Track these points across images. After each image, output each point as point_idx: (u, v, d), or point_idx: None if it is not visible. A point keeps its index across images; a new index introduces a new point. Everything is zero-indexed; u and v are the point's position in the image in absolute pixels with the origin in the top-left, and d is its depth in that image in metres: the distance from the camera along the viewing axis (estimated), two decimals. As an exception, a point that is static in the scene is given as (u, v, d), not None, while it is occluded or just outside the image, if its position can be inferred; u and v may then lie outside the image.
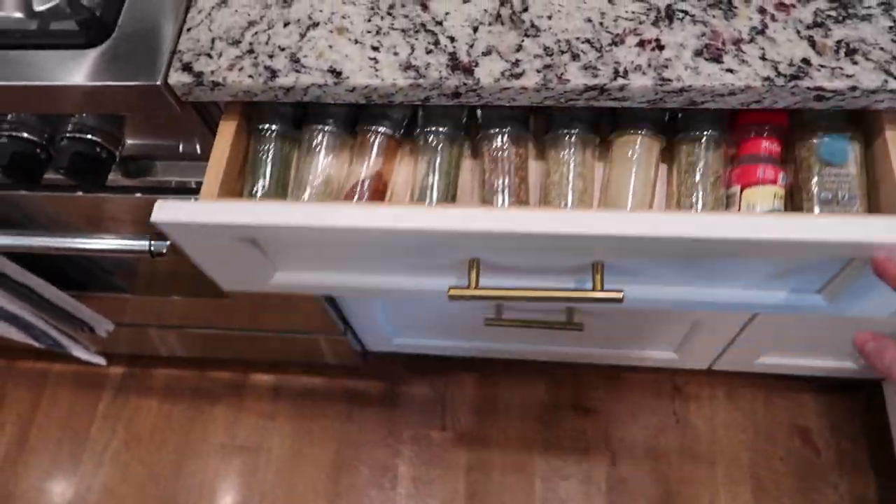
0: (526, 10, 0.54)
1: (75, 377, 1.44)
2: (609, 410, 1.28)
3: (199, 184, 0.68)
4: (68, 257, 0.92)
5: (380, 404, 1.34)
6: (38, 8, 0.59)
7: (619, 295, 0.51)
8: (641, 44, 0.51)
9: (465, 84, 0.51)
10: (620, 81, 0.50)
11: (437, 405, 1.33)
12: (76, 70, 0.55)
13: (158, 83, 0.54)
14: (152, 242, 0.70)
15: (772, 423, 1.23)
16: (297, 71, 0.53)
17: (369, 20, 0.55)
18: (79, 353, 1.04)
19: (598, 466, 1.24)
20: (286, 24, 0.55)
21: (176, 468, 1.34)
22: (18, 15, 0.59)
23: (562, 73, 0.51)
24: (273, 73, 0.53)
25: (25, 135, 0.62)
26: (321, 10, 0.56)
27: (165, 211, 0.51)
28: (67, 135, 0.62)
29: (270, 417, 1.36)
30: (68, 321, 1.02)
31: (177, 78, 0.54)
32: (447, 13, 0.54)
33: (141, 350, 1.30)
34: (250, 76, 0.53)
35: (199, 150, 0.65)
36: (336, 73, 0.53)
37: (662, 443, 1.25)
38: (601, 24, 0.52)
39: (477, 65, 0.52)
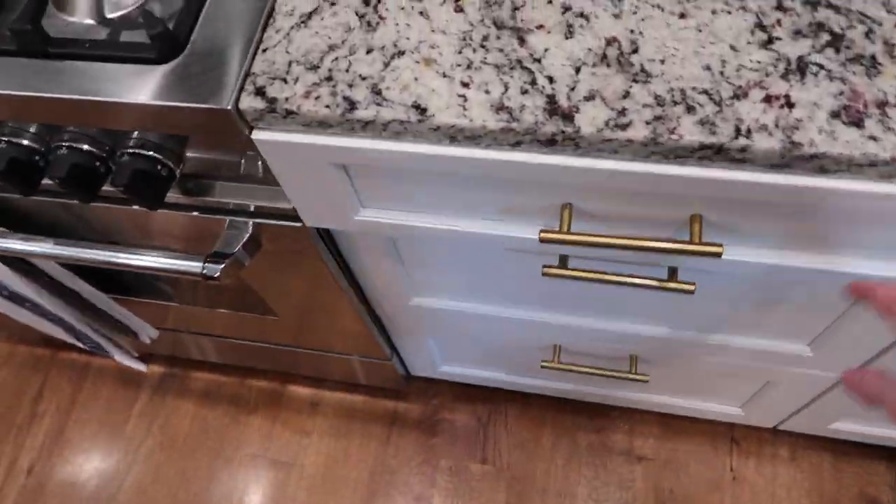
0: (636, 51, 0.48)
1: (116, 373, 1.43)
2: (661, 459, 1.21)
3: (259, 208, 0.65)
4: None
5: (419, 429, 1.29)
6: (110, 15, 0.56)
7: (720, 249, 0.49)
8: (768, 99, 0.45)
9: (563, 132, 0.46)
10: (742, 141, 0.44)
11: (479, 436, 1.27)
12: (143, 87, 0.51)
13: (228, 107, 0.50)
14: (206, 265, 0.66)
15: (839, 490, 1.15)
16: (379, 104, 0.49)
17: (460, 52, 0.50)
18: (120, 358, 1.02)
19: (645, 517, 1.18)
20: (369, 51, 0.51)
21: (207, 475, 1.31)
22: (90, 21, 0.56)
23: (674, 127, 0.45)
24: (352, 105, 0.49)
25: (86, 147, 0.59)
26: (408, 38, 0.51)
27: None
28: (128, 150, 0.58)
29: (306, 433, 1.32)
30: (112, 325, 0.99)
31: (248, 103, 0.50)
32: (546, 50, 0.49)
33: (180, 353, 1.28)
34: (327, 106, 0.49)
35: (261, 173, 0.61)
36: (420, 110, 0.48)
37: (716, 499, 1.17)
38: (721, 73, 0.46)
39: (578, 110, 0.46)
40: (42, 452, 1.37)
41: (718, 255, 0.49)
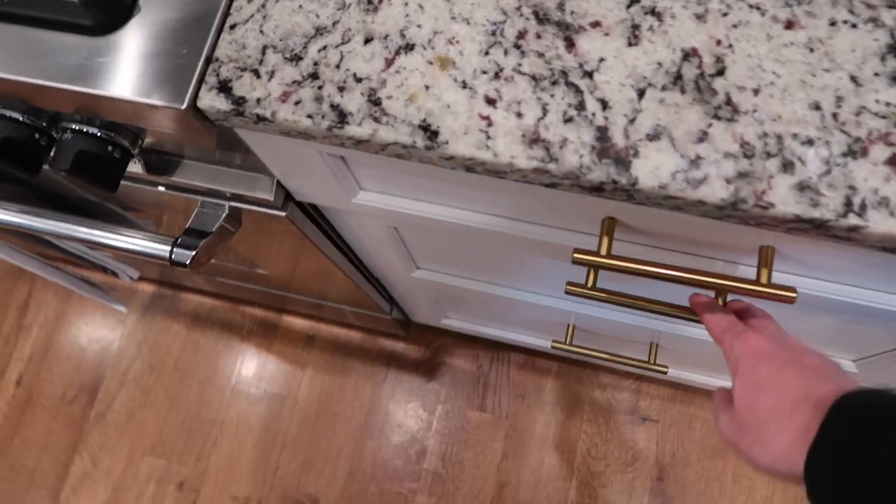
0: (721, 72, 0.36)
1: (103, 287, 1.36)
2: (666, 422, 1.16)
3: (235, 195, 0.54)
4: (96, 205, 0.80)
5: (418, 372, 1.24)
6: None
7: (793, 295, 0.40)
8: (894, 161, 0.34)
9: (614, 182, 0.35)
10: (852, 220, 0.33)
11: (480, 383, 1.22)
12: (71, 66, 0.40)
13: (183, 107, 0.38)
14: (175, 249, 0.57)
15: None
16: (376, 119, 0.37)
17: (487, 52, 0.38)
18: (99, 299, 0.95)
19: (643, 479, 1.15)
20: (368, 41, 0.39)
21: (199, 401, 1.28)
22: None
23: (763, 191, 0.34)
24: (342, 117, 0.37)
25: (21, 117, 0.48)
26: (420, 26, 0.39)
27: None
28: (72, 127, 0.47)
29: (301, 366, 1.27)
30: (90, 265, 0.91)
31: (209, 101, 0.39)
32: (602, 60, 0.37)
33: (169, 279, 1.20)
34: (309, 116, 0.38)
35: (239, 161, 0.50)
36: (430, 133, 0.37)
37: (719, 465, 1.13)
38: (835, 115, 0.35)
39: (637, 154, 0.35)
40: (30, 364, 1.33)
41: (792, 300, 0.39)
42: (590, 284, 0.43)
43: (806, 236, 0.35)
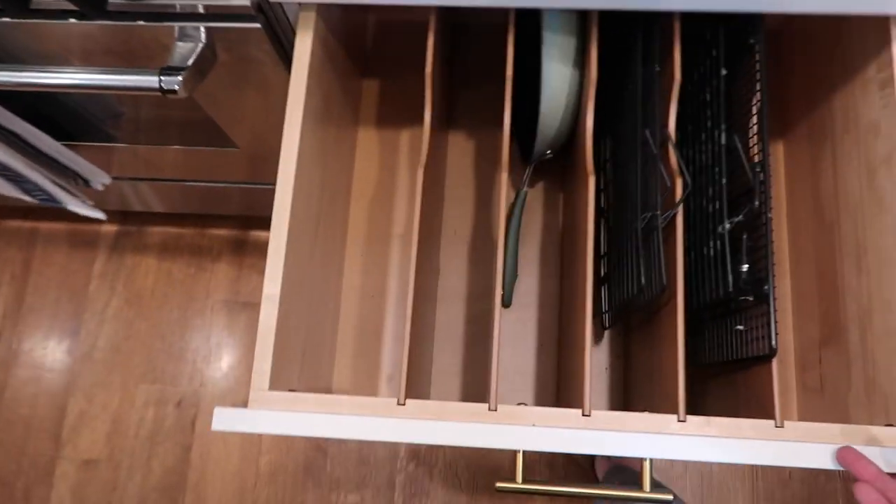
0: None
1: (67, 235, 1.39)
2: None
3: (209, 8, 0.60)
4: (56, 103, 0.84)
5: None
6: None
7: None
8: None
9: None
10: None
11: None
12: None
13: None
14: (162, 78, 0.63)
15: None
16: None
17: None
18: (75, 207, 0.98)
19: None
20: None
21: (181, 324, 1.33)
22: None
23: None
24: None
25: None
26: None
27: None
28: (58, -57, 0.53)
29: (275, 273, 1.33)
30: (61, 173, 0.95)
31: None
32: None
33: (133, 206, 1.24)
34: None
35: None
36: None
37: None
38: None
39: None
40: (6, 321, 1.35)
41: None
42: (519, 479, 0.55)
43: None
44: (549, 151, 0.77)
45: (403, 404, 0.54)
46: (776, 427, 0.52)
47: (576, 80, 0.68)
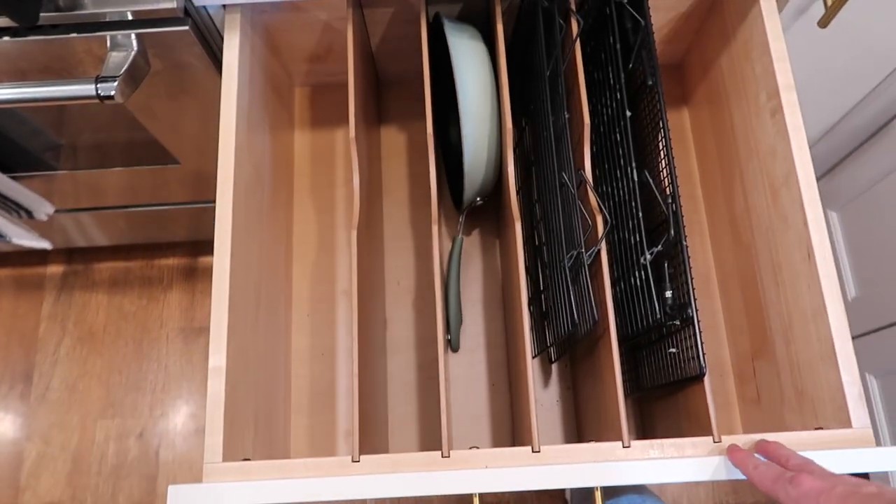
0: None
1: (12, 280, 1.38)
2: None
3: (137, 14, 0.64)
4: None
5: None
6: None
7: None
8: None
9: None
10: None
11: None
12: None
13: None
14: (99, 85, 0.66)
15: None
16: None
17: None
18: (21, 239, 0.99)
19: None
20: None
21: (137, 356, 1.33)
22: None
23: None
24: None
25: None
26: None
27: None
28: (-11, -41, 0.56)
29: (227, 296, 1.35)
30: (3, 206, 0.96)
31: None
32: None
33: (80, 241, 1.25)
34: None
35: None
36: None
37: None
38: None
39: None
40: (-47, 373, 1.33)
41: None
42: None
43: None
44: (478, 199, 0.80)
45: (358, 461, 0.55)
46: (714, 442, 0.54)
47: (495, 131, 0.71)
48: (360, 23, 0.76)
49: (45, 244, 1.02)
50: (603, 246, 0.63)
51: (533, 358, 0.64)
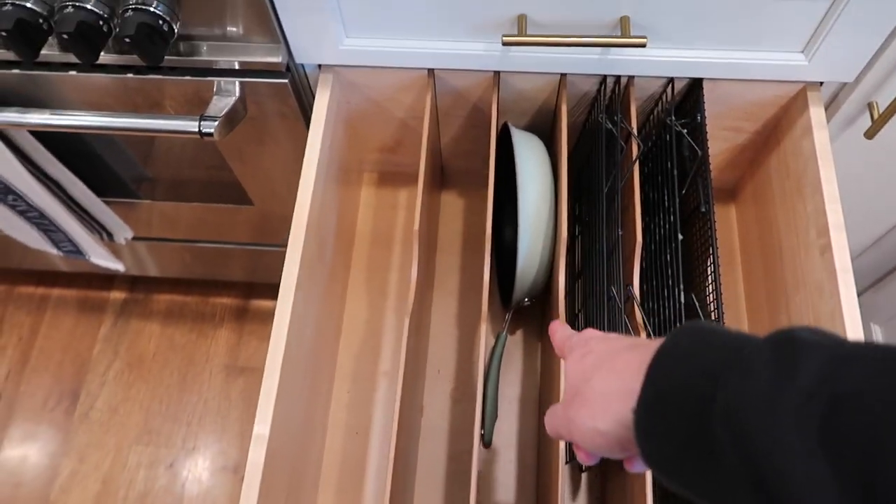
0: None
1: (77, 301, 1.46)
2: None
3: (244, 64, 0.73)
4: (92, 156, 0.95)
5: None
6: None
7: (643, 40, 0.62)
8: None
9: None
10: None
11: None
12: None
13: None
14: (202, 122, 0.74)
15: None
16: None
17: None
18: (98, 259, 1.07)
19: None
20: None
21: (180, 387, 1.38)
22: None
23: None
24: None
25: (89, 5, 0.66)
26: None
27: None
28: (131, 6, 0.65)
29: (273, 339, 1.40)
30: (89, 225, 1.04)
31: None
32: None
33: (145, 270, 1.32)
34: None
35: (243, 31, 0.69)
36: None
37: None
38: None
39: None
40: (8, 382, 1.39)
41: (643, 45, 0.61)
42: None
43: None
44: (526, 299, 0.83)
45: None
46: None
47: (549, 238, 0.75)
48: (435, 124, 0.82)
49: (119, 266, 1.10)
50: None
51: (565, 464, 0.65)
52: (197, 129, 0.75)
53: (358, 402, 0.86)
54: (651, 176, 0.78)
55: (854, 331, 0.63)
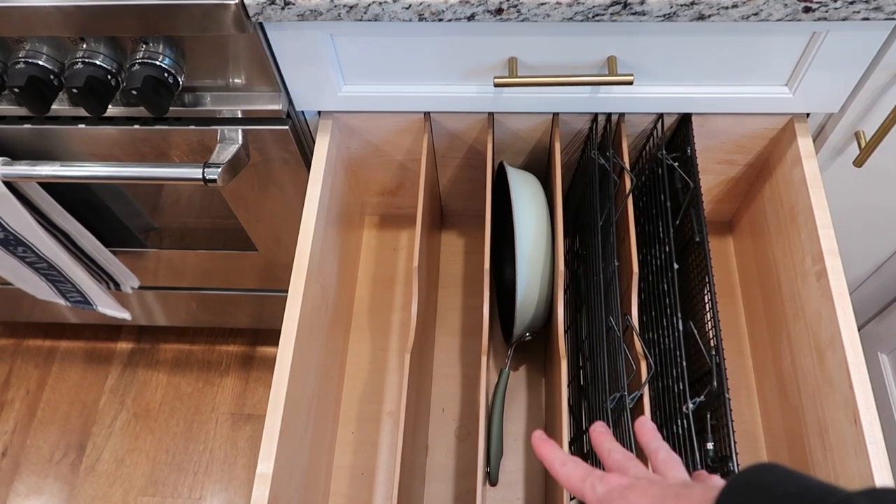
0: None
1: (83, 353, 1.47)
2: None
3: (246, 112, 0.75)
4: (98, 207, 0.97)
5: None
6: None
7: (630, 78, 0.64)
8: (657, -34, 0.60)
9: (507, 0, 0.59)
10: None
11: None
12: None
13: (233, 2, 0.61)
14: (206, 170, 0.76)
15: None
16: (360, -8, 0.61)
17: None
18: (105, 308, 1.08)
19: None
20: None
21: (186, 436, 1.37)
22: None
23: (591, -9, 0.59)
24: (338, -5, 0.61)
25: (98, 61, 0.69)
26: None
27: None
28: (138, 61, 0.68)
29: (279, 386, 1.40)
30: (96, 275, 1.06)
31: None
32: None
33: (152, 319, 1.34)
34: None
35: (244, 81, 0.72)
36: (395, -7, 0.60)
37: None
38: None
39: (518, -12, 0.60)
40: (15, 436, 1.39)
41: (630, 82, 0.63)
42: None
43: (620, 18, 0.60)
44: (528, 335, 0.84)
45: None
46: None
47: (548, 273, 0.76)
48: (432, 166, 0.85)
49: (126, 315, 1.11)
50: (646, 391, 0.65)
51: (570, 500, 0.65)
52: (201, 177, 0.77)
53: (362, 442, 0.85)
54: (646, 209, 0.80)
55: (854, 355, 0.63)
